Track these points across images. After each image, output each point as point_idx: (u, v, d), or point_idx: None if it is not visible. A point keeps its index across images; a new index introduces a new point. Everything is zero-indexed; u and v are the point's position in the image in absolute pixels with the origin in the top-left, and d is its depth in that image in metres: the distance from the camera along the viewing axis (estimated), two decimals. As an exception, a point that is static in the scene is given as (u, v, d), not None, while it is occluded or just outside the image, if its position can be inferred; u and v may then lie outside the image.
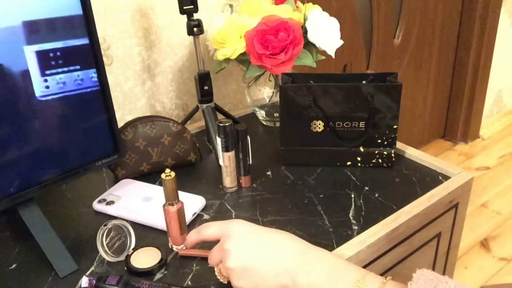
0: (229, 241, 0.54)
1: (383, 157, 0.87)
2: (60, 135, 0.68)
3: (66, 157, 0.69)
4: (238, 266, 0.52)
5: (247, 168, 0.83)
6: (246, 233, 0.55)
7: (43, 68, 0.62)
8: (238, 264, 0.52)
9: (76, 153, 0.71)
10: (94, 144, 0.73)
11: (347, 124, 0.85)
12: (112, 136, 0.75)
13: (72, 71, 0.65)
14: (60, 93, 0.65)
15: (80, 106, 0.68)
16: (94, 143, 0.73)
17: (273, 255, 0.52)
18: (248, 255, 0.53)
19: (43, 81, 0.62)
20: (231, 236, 0.54)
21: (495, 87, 2.31)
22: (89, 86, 0.68)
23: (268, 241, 0.54)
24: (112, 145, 0.75)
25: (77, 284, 0.63)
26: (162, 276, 0.64)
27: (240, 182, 0.84)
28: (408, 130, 2.08)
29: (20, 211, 0.66)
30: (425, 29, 1.88)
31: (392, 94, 0.82)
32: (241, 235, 0.54)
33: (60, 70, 0.64)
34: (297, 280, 0.51)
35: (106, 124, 0.74)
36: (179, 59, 1.11)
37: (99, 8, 0.94)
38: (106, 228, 0.66)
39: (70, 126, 0.68)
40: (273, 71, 0.90)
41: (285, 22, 0.87)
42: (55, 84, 0.64)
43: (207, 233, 0.57)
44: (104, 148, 0.74)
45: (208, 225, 0.58)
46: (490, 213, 1.82)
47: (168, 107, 1.13)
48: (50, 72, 0.63)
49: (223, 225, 0.57)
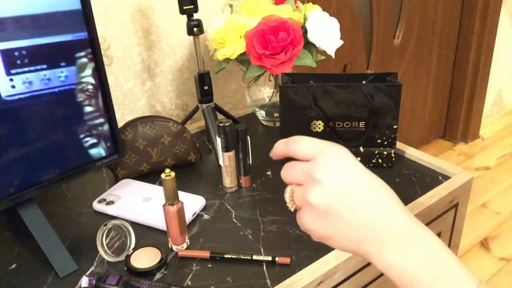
0: (323, 170, 0.41)
1: (383, 157, 0.87)
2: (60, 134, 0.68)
3: (66, 157, 0.69)
4: (321, 205, 0.41)
5: (247, 168, 0.83)
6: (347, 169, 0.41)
7: (8, 67, 0.60)
8: (323, 202, 0.41)
9: (76, 153, 0.71)
10: (94, 144, 0.73)
11: (347, 124, 0.85)
12: (112, 136, 0.75)
13: (39, 70, 0.63)
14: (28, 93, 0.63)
15: (51, 105, 0.66)
16: (94, 143, 0.73)
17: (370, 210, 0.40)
18: (340, 198, 0.40)
19: (9, 80, 0.61)
20: (327, 166, 0.41)
21: (495, 87, 2.31)
22: (56, 86, 0.66)
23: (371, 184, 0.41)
24: (112, 145, 0.75)
25: (77, 284, 0.63)
26: (162, 276, 0.64)
27: (240, 182, 0.84)
28: (408, 130, 2.08)
29: (20, 211, 0.66)
30: (425, 29, 1.88)
31: (392, 94, 0.82)
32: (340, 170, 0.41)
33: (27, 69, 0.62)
34: (385, 251, 0.39)
35: (106, 124, 0.74)
36: (179, 59, 1.11)
37: (99, 8, 0.94)
38: (106, 228, 0.66)
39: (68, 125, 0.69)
40: (273, 71, 0.90)
41: (285, 22, 0.87)
42: (21, 84, 0.62)
43: (297, 149, 0.44)
44: (104, 148, 0.74)
45: (300, 139, 0.44)
46: (490, 213, 1.82)
47: (168, 107, 1.13)
48: (16, 72, 0.61)
49: (320, 146, 0.43)
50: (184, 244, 0.69)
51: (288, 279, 0.62)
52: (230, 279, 0.63)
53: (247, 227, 0.73)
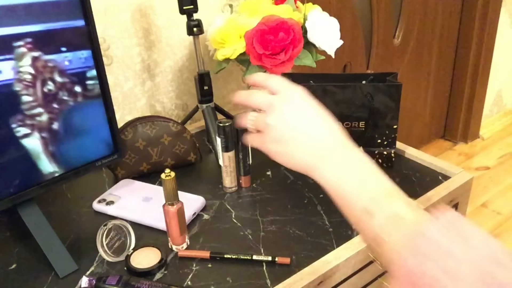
0: (282, 99, 0.51)
1: (383, 157, 0.87)
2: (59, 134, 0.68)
3: (66, 157, 0.69)
4: (277, 126, 0.49)
5: (247, 168, 0.83)
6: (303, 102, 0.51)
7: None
8: (280, 124, 0.49)
9: (76, 153, 0.71)
10: (94, 144, 0.73)
11: (347, 124, 0.85)
12: (112, 136, 0.75)
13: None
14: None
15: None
16: (94, 143, 0.73)
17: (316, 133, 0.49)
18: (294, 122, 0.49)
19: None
20: (286, 97, 0.51)
21: (495, 87, 2.31)
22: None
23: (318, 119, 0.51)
24: (112, 145, 0.75)
25: (77, 284, 0.63)
26: (162, 276, 0.64)
27: (240, 182, 0.84)
28: (408, 130, 2.08)
29: (20, 211, 0.66)
30: (425, 29, 1.88)
31: (392, 94, 0.82)
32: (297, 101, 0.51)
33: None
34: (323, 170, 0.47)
35: (106, 124, 0.74)
36: (179, 59, 1.11)
37: (99, 8, 0.94)
38: (106, 228, 0.66)
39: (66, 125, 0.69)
40: (273, 71, 0.90)
41: (285, 22, 0.87)
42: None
43: (272, 83, 0.53)
44: (104, 148, 0.74)
45: (275, 77, 0.54)
46: (490, 213, 1.82)
47: (168, 107, 1.13)
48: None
49: (286, 84, 0.52)
50: (184, 244, 0.69)
51: (288, 279, 0.62)
52: (230, 279, 0.63)
53: (247, 227, 0.73)
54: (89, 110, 0.71)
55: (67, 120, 0.68)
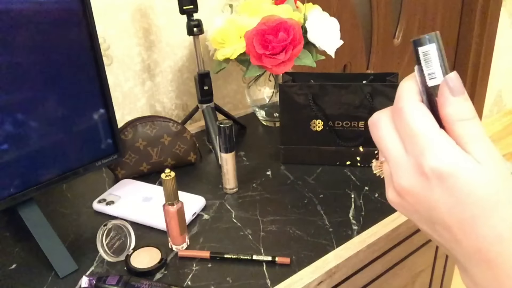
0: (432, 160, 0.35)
1: (383, 157, 0.86)
2: (59, 134, 0.68)
3: (66, 157, 0.69)
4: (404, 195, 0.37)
5: None
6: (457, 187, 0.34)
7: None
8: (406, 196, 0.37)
9: (76, 153, 0.71)
10: (94, 144, 0.73)
11: (347, 124, 0.85)
12: (112, 136, 0.75)
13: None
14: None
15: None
16: (94, 143, 0.73)
17: None
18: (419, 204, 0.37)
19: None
20: None
21: (495, 87, 2.31)
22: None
23: None
24: (112, 145, 0.75)
25: (77, 284, 0.63)
26: (162, 276, 0.64)
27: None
28: (408, 130, 2.08)
29: (20, 211, 0.66)
30: (425, 29, 1.88)
31: (392, 94, 0.82)
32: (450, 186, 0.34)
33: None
34: None
35: (106, 124, 0.74)
36: (179, 59, 1.11)
37: (99, 8, 0.94)
38: (106, 228, 0.66)
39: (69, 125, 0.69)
40: (273, 71, 0.90)
41: (285, 22, 0.87)
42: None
43: None
44: (104, 148, 0.74)
45: None
46: (490, 213, 1.82)
47: (168, 107, 1.13)
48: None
49: None
50: (184, 244, 0.69)
51: (288, 279, 0.62)
52: (230, 279, 0.63)
53: (247, 227, 0.73)
54: (89, 110, 0.71)
55: (64, 108, 0.68)
